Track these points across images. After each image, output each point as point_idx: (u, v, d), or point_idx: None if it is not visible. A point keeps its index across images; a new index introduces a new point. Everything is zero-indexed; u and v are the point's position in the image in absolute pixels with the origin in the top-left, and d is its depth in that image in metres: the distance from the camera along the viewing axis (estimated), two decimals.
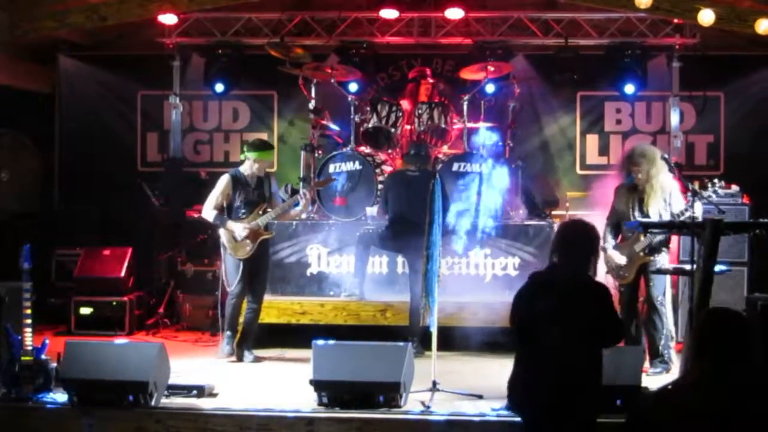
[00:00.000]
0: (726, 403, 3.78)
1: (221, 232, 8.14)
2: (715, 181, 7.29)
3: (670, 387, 4.03)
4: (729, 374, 3.83)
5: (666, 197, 7.40)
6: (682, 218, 6.98)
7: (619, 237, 7.62)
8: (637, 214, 7.42)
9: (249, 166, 8.20)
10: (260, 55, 10.58)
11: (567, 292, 4.98)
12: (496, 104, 10.22)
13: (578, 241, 5.18)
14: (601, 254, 7.56)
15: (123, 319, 9.63)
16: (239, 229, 8.03)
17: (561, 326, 4.88)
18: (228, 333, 8.21)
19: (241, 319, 8.25)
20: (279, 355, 8.35)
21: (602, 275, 7.49)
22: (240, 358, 8.12)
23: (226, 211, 8.14)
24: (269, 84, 11.33)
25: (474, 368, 7.69)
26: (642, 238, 7.38)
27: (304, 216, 8.98)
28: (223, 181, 8.17)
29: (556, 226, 8.17)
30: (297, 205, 8.39)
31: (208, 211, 8.15)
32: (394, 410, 6.20)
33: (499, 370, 5.11)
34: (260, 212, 8.12)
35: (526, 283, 5.24)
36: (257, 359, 8.13)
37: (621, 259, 7.48)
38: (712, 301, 6.17)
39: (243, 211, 8.12)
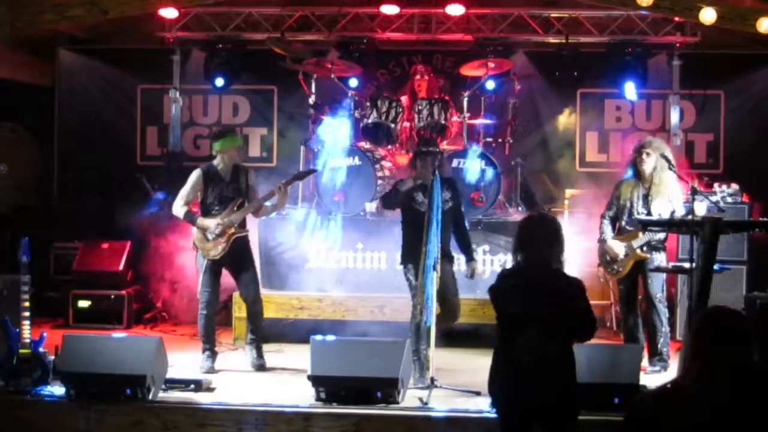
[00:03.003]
0: (725, 403, 3.78)
1: (193, 230, 7.64)
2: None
3: (669, 386, 4.03)
4: (728, 373, 3.83)
5: (670, 197, 7.39)
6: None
7: (616, 230, 7.62)
8: (641, 209, 7.41)
9: (219, 159, 7.69)
10: (260, 50, 10.57)
11: (541, 290, 4.82)
12: (496, 101, 10.19)
13: (544, 235, 4.96)
14: (597, 246, 7.62)
15: (121, 312, 9.63)
16: (211, 225, 7.50)
17: (538, 324, 4.73)
18: (206, 350, 7.65)
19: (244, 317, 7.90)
20: (277, 350, 8.31)
21: (588, 271, 7.54)
22: (256, 367, 7.66)
23: (200, 207, 7.67)
24: (269, 79, 11.31)
25: (472, 365, 7.67)
26: (641, 234, 7.36)
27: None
28: (194, 176, 7.67)
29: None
30: (273, 199, 7.76)
31: (178, 208, 7.65)
32: (392, 406, 6.21)
33: None
34: (235, 207, 7.58)
35: (498, 282, 5.02)
36: (262, 367, 7.67)
37: (620, 250, 7.46)
38: (711, 299, 6.19)
39: (216, 207, 7.59)
